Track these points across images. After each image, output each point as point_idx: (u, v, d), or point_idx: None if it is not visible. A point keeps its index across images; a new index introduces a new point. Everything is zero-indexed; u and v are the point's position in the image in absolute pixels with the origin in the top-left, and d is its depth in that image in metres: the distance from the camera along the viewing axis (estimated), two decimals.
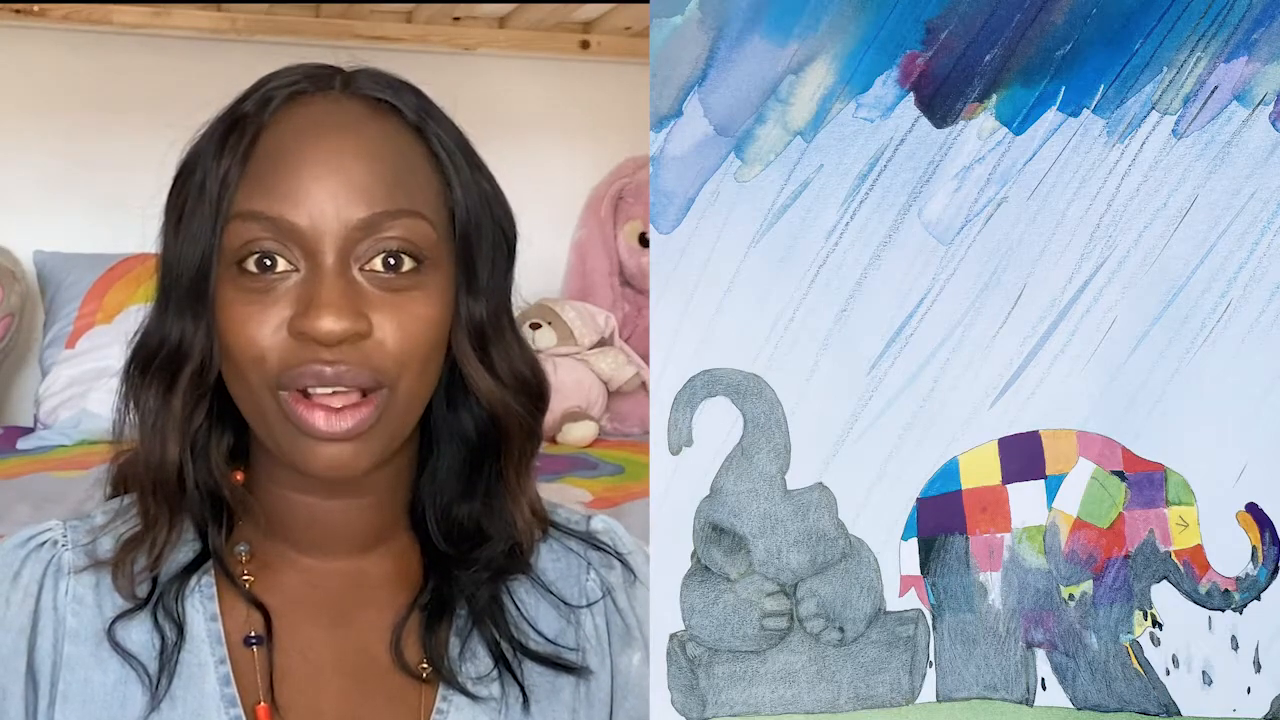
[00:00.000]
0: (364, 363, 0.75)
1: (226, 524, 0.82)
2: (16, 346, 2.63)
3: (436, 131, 0.81)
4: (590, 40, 3.02)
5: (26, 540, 0.82)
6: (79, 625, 0.79)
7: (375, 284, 0.76)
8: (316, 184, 0.75)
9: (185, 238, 0.77)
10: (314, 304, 0.73)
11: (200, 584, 0.81)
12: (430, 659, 0.81)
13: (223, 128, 0.78)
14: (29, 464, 2.16)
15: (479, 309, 0.81)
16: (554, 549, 0.89)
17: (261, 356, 0.75)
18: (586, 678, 0.85)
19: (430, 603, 0.83)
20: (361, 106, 0.79)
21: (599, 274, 2.95)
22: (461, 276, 0.81)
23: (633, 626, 0.88)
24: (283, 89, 0.79)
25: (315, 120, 0.77)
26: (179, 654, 0.79)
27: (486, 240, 0.82)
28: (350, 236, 0.75)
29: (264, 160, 0.76)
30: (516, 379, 0.83)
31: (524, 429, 0.84)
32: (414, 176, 0.78)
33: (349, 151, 0.76)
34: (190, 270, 0.77)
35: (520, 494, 0.85)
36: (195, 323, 0.77)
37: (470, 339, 0.81)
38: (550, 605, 0.86)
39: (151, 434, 0.80)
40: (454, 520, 0.85)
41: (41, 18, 2.64)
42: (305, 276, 0.75)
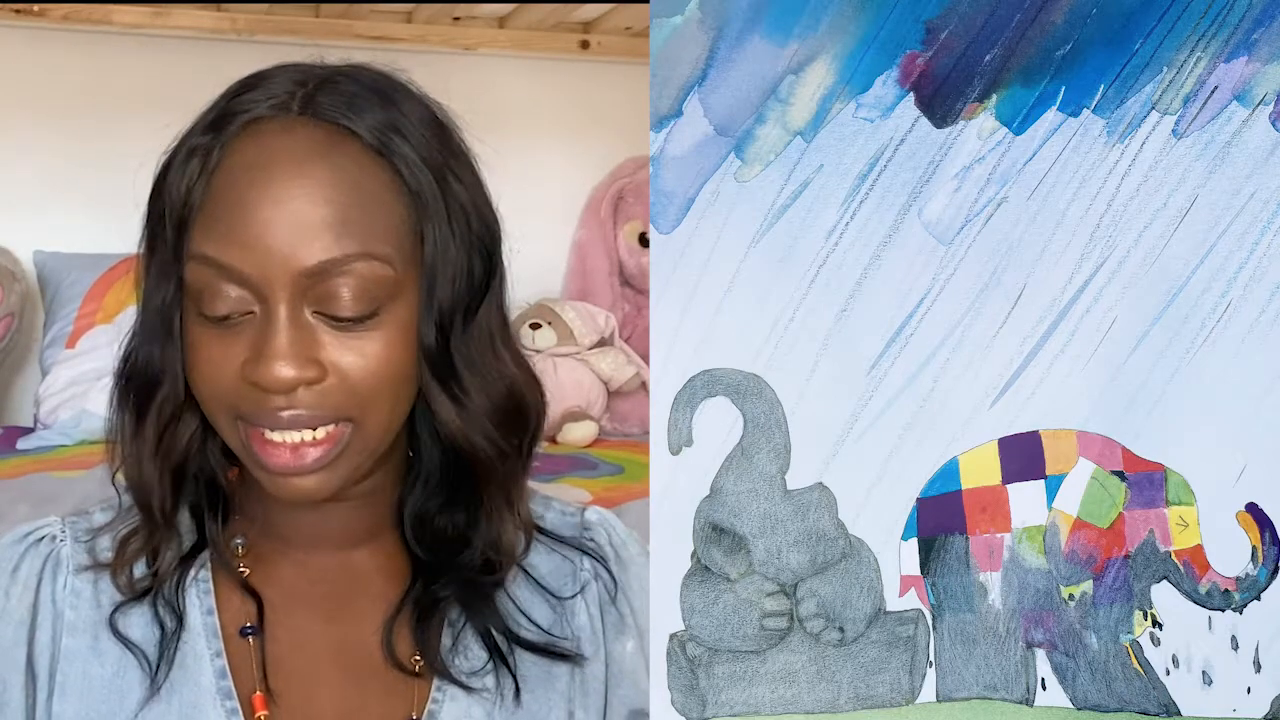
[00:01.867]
0: (320, 404, 0.74)
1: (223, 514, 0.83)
2: (16, 346, 2.63)
3: (402, 151, 0.77)
4: (590, 40, 3.02)
5: (25, 535, 0.83)
6: (77, 618, 0.80)
7: (330, 325, 0.74)
8: (266, 230, 0.73)
9: (154, 265, 0.77)
10: (264, 354, 0.72)
11: (198, 576, 0.82)
12: (422, 653, 0.81)
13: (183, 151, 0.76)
14: (29, 464, 2.16)
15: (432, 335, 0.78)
16: (546, 550, 0.88)
17: (221, 395, 0.75)
18: (581, 664, 0.85)
19: (421, 597, 0.83)
20: (318, 135, 0.75)
21: (599, 274, 2.95)
22: (425, 306, 0.77)
23: (625, 615, 0.88)
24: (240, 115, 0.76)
25: (267, 155, 0.75)
26: (178, 643, 0.79)
27: (455, 265, 0.78)
28: (298, 283, 0.73)
29: (217, 200, 0.74)
30: (489, 405, 0.80)
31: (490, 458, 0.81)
32: (370, 210, 0.75)
33: (300, 193, 0.73)
34: (158, 300, 0.77)
35: (506, 511, 0.83)
36: (165, 350, 0.77)
37: (429, 366, 0.78)
38: (542, 599, 0.86)
39: (130, 454, 0.80)
40: (436, 527, 0.84)
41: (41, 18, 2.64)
42: (260, 320, 0.74)
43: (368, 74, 0.80)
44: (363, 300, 0.74)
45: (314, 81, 0.78)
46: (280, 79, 0.78)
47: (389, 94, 0.79)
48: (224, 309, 0.74)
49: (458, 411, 0.79)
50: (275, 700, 0.79)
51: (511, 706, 0.82)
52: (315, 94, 0.77)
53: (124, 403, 0.81)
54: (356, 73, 0.80)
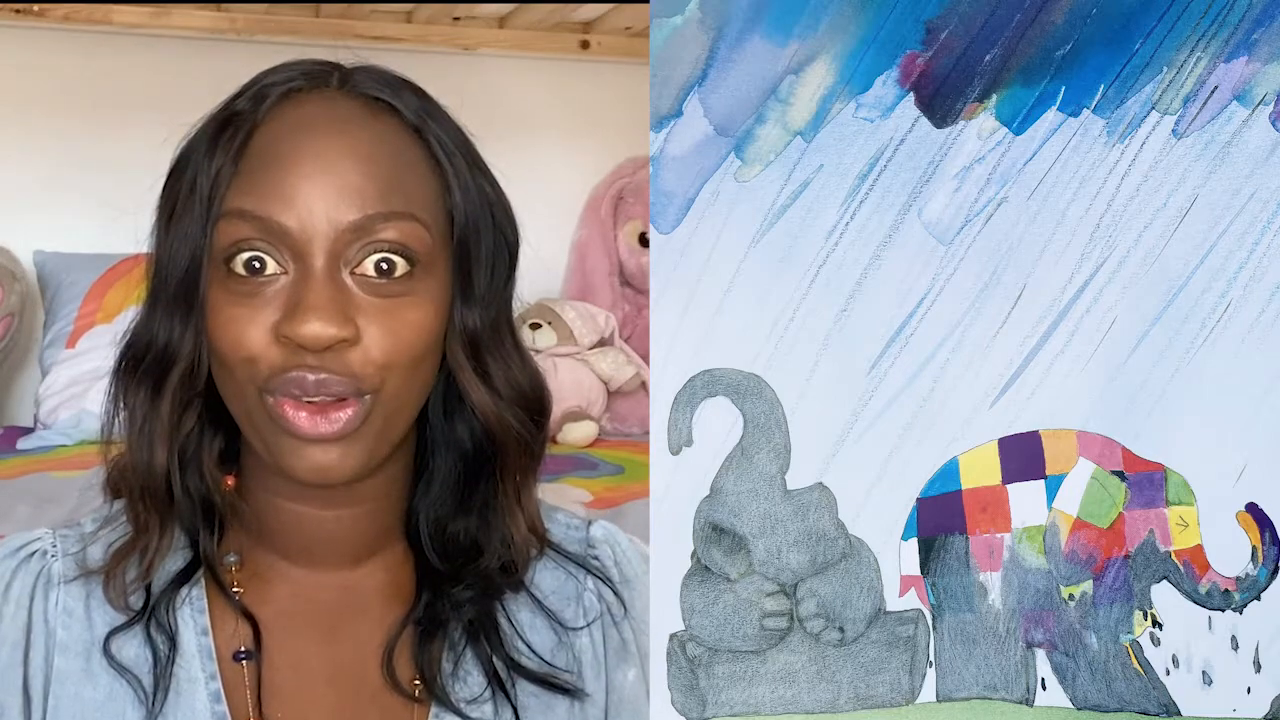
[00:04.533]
0: (346, 371, 0.73)
1: (218, 531, 0.81)
2: (16, 346, 2.63)
3: (436, 133, 0.79)
4: (590, 40, 3.02)
5: (15, 550, 0.81)
6: (69, 638, 0.78)
7: (365, 289, 0.74)
8: (307, 184, 0.73)
9: (175, 236, 0.76)
10: (301, 308, 0.72)
11: (191, 595, 0.80)
12: (423, 677, 0.80)
13: (215, 125, 0.76)
14: (29, 464, 2.16)
15: (474, 317, 0.79)
16: (551, 566, 0.87)
17: (250, 359, 0.73)
18: (581, 699, 0.84)
19: (423, 618, 0.81)
20: (358, 105, 0.77)
21: (599, 274, 2.95)
22: (457, 283, 0.78)
23: (629, 642, 0.87)
24: (278, 86, 0.77)
25: (309, 119, 0.75)
26: (172, 668, 0.78)
27: (485, 246, 0.80)
28: (340, 239, 0.73)
29: (255, 159, 0.74)
30: (514, 391, 0.81)
31: (521, 443, 0.81)
32: (410, 178, 0.76)
33: (342, 151, 0.74)
34: (179, 270, 0.75)
35: (518, 510, 0.83)
36: (184, 323, 0.76)
37: (465, 348, 0.79)
38: (545, 623, 0.85)
39: (139, 439, 0.78)
40: (449, 535, 0.83)
41: (41, 18, 2.64)
42: (294, 279, 0.73)
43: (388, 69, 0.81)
44: (401, 260, 0.74)
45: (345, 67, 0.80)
46: (304, 65, 0.79)
47: (416, 86, 0.81)
48: (256, 265, 0.73)
49: (489, 394, 0.80)
50: None
51: None
52: (350, 74, 0.79)
53: (132, 383, 0.79)
54: (378, 66, 0.81)
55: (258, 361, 0.73)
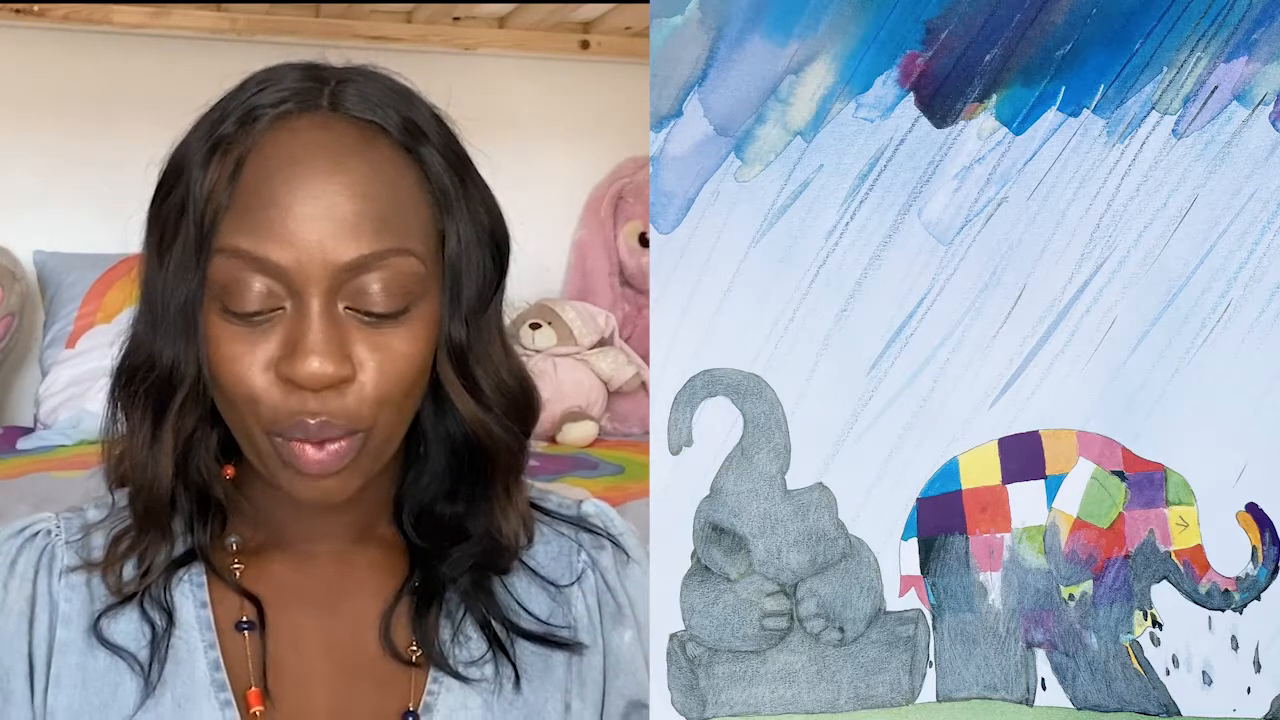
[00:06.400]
0: (343, 413, 0.74)
1: (219, 519, 0.82)
2: (16, 346, 2.63)
3: (426, 149, 0.78)
4: (590, 40, 3.02)
5: (20, 530, 0.83)
6: (71, 611, 0.80)
7: (360, 321, 0.75)
8: (304, 224, 0.73)
9: (171, 266, 0.76)
10: (299, 349, 0.72)
11: (190, 574, 0.82)
12: (420, 643, 0.82)
13: (205, 146, 0.76)
14: (29, 464, 2.16)
15: (463, 330, 0.80)
16: (544, 534, 0.89)
17: (252, 397, 0.74)
18: (580, 653, 0.85)
19: (420, 588, 0.83)
20: (350, 131, 0.76)
21: (599, 274, 2.95)
22: (447, 299, 0.79)
23: (624, 605, 0.88)
24: (268, 109, 0.76)
25: (302, 150, 0.75)
26: (169, 640, 0.79)
27: (476, 262, 0.80)
28: (337, 277, 0.73)
29: (249, 193, 0.74)
30: (502, 395, 0.82)
31: (508, 447, 0.83)
32: (403, 209, 0.76)
33: (337, 188, 0.74)
34: (178, 300, 0.76)
35: (509, 504, 0.85)
36: (186, 348, 0.76)
37: (452, 362, 0.80)
38: (540, 588, 0.86)
39: (144, 456, 0.79)
40: (435, 517, 0.85)
41: (41, 18, 2.64)
42: (291, 316, 0.74)
43: (380, 75, 0.81)
44: (396, 296, 0.75)
45: (334, 79, 0.79)
46: (292, 76, 0.78)
47: (405, 94, 0.80)
48: (254, 304, 0.74)
49: (477, 405, 0.81)
50: (269, 695, 0.79)
51: (510, 696, 0.82)
52: (340, 91, 0.78)
53: (135, 400, 0.79)
54: (369, 73, 0.81)
55: (259, 402, 0.74)
